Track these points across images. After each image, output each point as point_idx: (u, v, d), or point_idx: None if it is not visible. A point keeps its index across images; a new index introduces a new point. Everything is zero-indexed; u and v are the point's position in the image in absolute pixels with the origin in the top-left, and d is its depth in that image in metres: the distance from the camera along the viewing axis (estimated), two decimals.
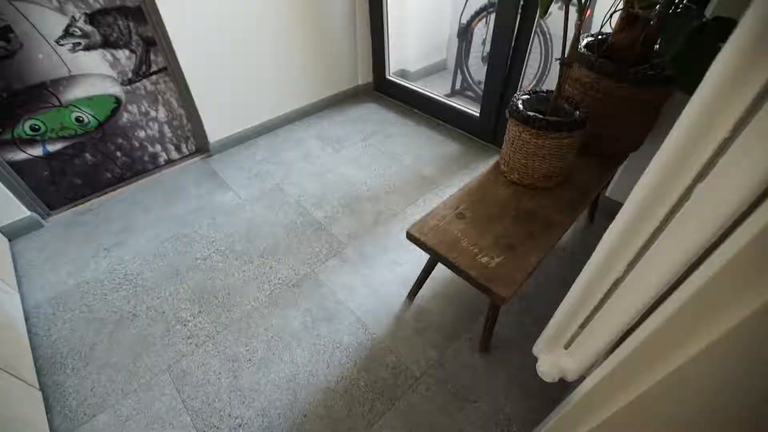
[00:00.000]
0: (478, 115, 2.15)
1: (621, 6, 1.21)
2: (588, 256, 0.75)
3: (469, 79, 2.75)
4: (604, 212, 1.70)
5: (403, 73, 2.88)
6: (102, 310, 1.39)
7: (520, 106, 1.08)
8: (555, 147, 1.05)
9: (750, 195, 0.49)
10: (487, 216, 1.08)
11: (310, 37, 2.18)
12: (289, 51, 2.13)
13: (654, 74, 1.15)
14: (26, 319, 1.37)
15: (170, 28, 1.70)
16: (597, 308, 0.78)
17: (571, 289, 0.82)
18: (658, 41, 1.20)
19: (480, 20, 2.59)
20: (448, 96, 2.74)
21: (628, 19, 1.19)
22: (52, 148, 1.69)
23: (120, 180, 1.94)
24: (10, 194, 1.61)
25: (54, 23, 1.49)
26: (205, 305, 1.39)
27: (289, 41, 2.11)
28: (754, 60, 0.44)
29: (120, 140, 1.85)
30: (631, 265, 0.68)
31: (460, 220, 1.07)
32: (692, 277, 0.54)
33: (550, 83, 2.53)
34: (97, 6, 1.56)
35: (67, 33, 1.53)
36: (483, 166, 1.98)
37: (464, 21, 2.64)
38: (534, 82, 2.55)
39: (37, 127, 1.62)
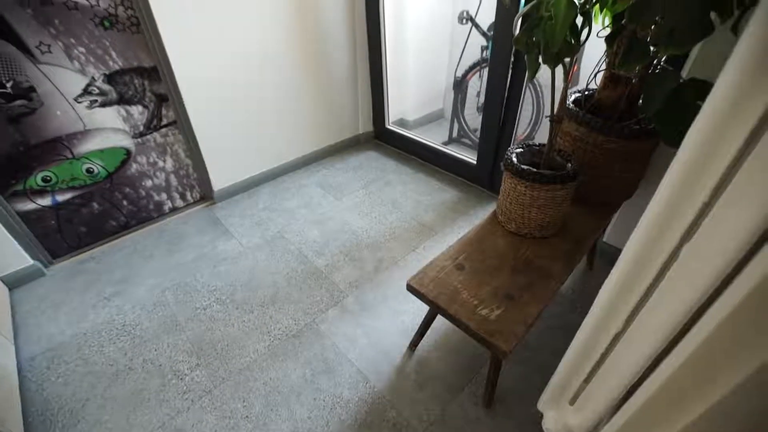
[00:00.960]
0: (475, 162, 2.22)
1: (604, 66, 1.30)
2: (589, 303, 0.76)
3: (466, 128, 2.87)
4: (602, 258, 1.71)
5: (402, 122, 3.01)
6: (98, 362, 1.36)
7: (515, 160, 1.13)
8: (549, 198, 1.09)
9: (733, 256, 0.51)
10: (486, 266, 1.10)
11: (313, 88, 2.30)
12: (294, 102, 2.25)
13: (640, 128, 1.21)
14: (19, 372, 1.34)
15: (182, 84, 1.80)
16: (599, 363, 0.78)
17: (573, 342, 0.82)
18: (641, 98, 1.27)
19: (474, 74, 2.74)
20: (445, 144, 2.85)
21: (611, 78, 1.27)
22: (61, 198, 1.73)
23: (124, 228, 1.97)
24: (16, 243, 1.63)
25: (74, 83, 1.59)
26: (204, 357, 1.37)
27: (294, 93, 2.22)
28: (728, 125, 0.48)
29: (127, 189, 1.90)
30: (630, 319, 0.69)
31: (460, 271, 1.08)
32: (688, 336, 0.55)
33: (543, 131, 2.64)
34: (116, 67, 1.67)
35: (86, 92, 1.63)
36: (481, 213, 2.02)
37: (459, 74, 2.79)
38: (528, 130, 2.65)
39: (48, 178, 1.67)
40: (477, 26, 2.51)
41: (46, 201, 1.70)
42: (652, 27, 0.82)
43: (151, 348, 1.40)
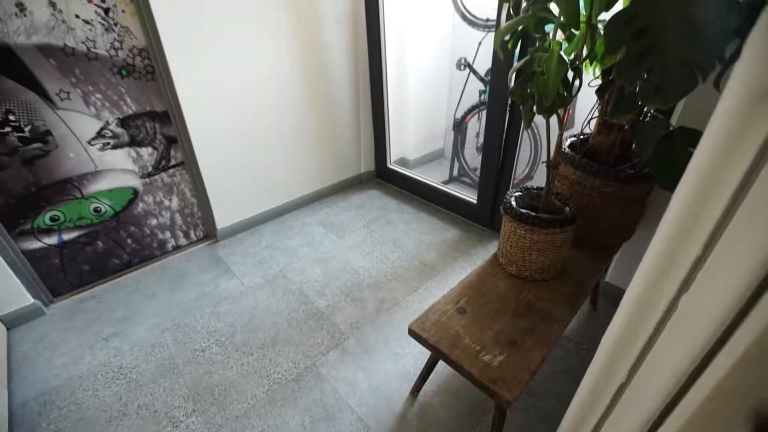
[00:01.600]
0: (475, 201, 2.26)
1: (597, 113, 1.35)
2: (594, 344, 0.75)
3: (466, 167, 2.93)
4: (606, 297, 1.69)
5: (403, 161, 3.08)
6: (91, 407, 1.33)
7: (513, 203, 1.15)
8: (549, 242, 1.10)
9: (731, 308, 0.51)
10: (488, 310, 1.09)
11: (317, 128, 2.38)
12: (298, 142, 2.32)
13: (635, 172, 1.24)
14: (10, 419, 1.30)
15: (191, 127, 1.88)
16: (605, 415, 0.76)
17: (577, 392, 0.80)
18: (634, 143, 1.32)
19: (473, 116, 2.84)
20: (446, 182, 2.90)
21: (604, 124, 1.32)
22: (67, 236, 1.76)
23: (127, 266, 1.98)
24: (18, 282, 1.64)
25: (89, 127, 1.66)
26: (200, 403, 1.33)
27: (298, 133, 2.30)
28: (719, 175, 0.50)
29: (132, 228, 1.93)
30: (633, 370, 0.68)
31: (461, 315, 1.07)
32: (692, 390, 0.55)
33: (542, 170, 2.69)
34: (129, 112, 1.74)
35: (99, 135, 1.69)
36: (482, 253, 2.03)
37: (458, 116, 2.89)
38: (527, 170, 2.71)
39: (56, 217, 1.70)
40: (474, 72, 2.63)
41: (52, 240, 1.72)
42: (639, 82, 0.86)
43: (147, 392, 1.37)
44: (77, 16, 1.50)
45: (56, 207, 1.68)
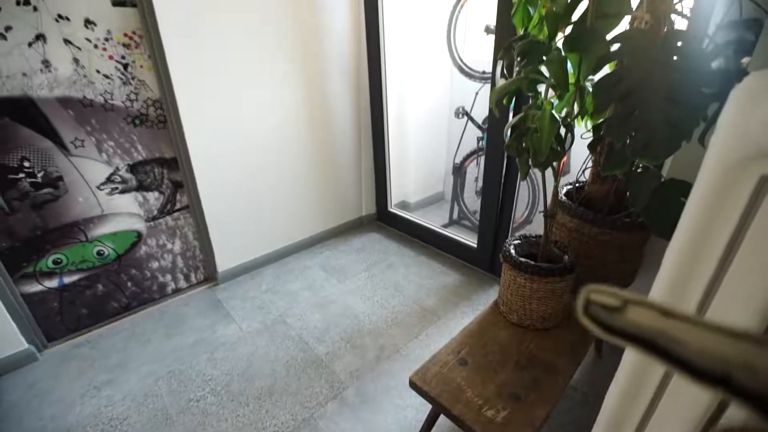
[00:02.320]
0: (475, 245, 2.27)
1: (591, 164, 1.40)
2: (600, 396, 0.73)
3: (465, 210, 2.97)
4: (610, 345, 1.66)
5: (404, 204, 3.13)
6: None
7: (513, 252, 1.17)
8: (549, 291, 1.10)
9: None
10: (490, 361, 1.08)
11: (319, 172, 2.44)
12: (300, 186, 2.37)
13: (630, 221, 1.27)
14: None
15: (198, 172, 1.93)
16: None
17: None
18: (628, 193, 1.35)
19: (471, 161, 2.92)
20: (446, 226, 2.93)
21: (598, 174, 1.36)
22: (68, 279, 1.76)
23: (125, 310, 1.96)
24: (14, 326, 1.62)
25: (99, 172, 1.71)
26: None
27: (301, 177, 2.36)
28: (704, 247, 0.52)
29: (133, 271, 1.93)
30: (642, 426, 0.67)
31: (463, 366, 1.06)
32: None
33: (541, 215, 2.73)
34: (139, 158, 1.81)
35: (109, 180, 1.74)
36: (483, 298, 2.01)
37: (458, 161, 2.97)
38: (526, 213, 2.75)
39: (59, 260, 1.71)
40: (472, 120, 2.74)
41: (53, 283, 1.72)
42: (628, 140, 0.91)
43: None
44: (98, 71, 1.60)
45: (60, 250, 1.70)
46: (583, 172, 1.48)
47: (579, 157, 1.41)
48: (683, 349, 0.19)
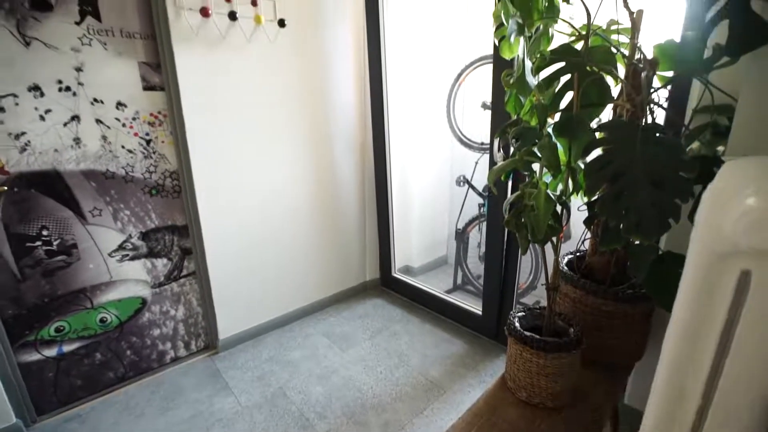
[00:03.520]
0: (480, 313, 2.24)
1: (590, 234, 1.44)
2: None
3: (469, 276, 2.97)
4: (626, 421, 1.57)
5: (407, 269, 3.14)
6: None
7: (517, 325, 1.16)
8: (557, 366, 1.08)
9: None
10: None
11: (324, 238, 2.49)
12: (305, 251, 2.41)
13: (633, 292, 1.28)
14: None
15: (207, 239, 1.99)
16: None
17: None
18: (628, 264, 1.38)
19: (473, 227, 2.98)
20: (450, 291, 2.91)
21: (598, 245, 1.40)
22: (68, 348, 1.73)
23: (121, 380, 1.90)
24: (6, 399, 1.56)
25: (112, 240, 1.77)
26: None
27: (306, 242, 2.40)
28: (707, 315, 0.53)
29: (134, 339, 1.90)
30: None
31: None
32: None
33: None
34: (152, 226, 1.87)
35: (120, 247, 1.79)
36: (490, 369, 1.94)
37: (460, 227, 3.04)
38: (530, 278, 2.74)
39: (62, 327, 1.70)
40: (473, 188, 2.85)
41: (52, 351, 1.70)
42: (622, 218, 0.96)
43: None
44: (123, 147, 1.72)
45: (64, 317, 1.70)
46: (583, 242, 1.52)
47: (580, 221, 1.45)
48: None
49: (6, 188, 1.49)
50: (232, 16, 1.80)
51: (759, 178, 0.48)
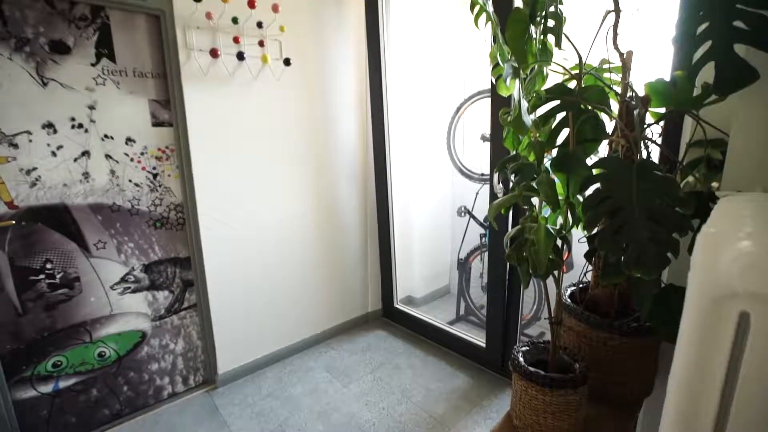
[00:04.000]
0: (484, 345, 2.20)
1: (591, 267, 1.44)
2: None
3: (472, 306, 2.93)
4: None
5: (409, 299, 3.10)
6: None
7: (521, 360, 1.15)
8: (563, 404, 1.06)
9: None
10: None
11: (326, 268, 2.49)
12: (306, 282, 2.40)
13: (639, 325, 1.26)
14: None
15: (209, 270, 1.99)
16: None
17: None
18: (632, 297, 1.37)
19: (475, 257, 2.97)
20: (453, 322, 2.87)
21: (599, 279, 1.39)
22: (64, 384, 1.70)
23: (116, 417, 1.85)
24: None
25: (115, 272, 1.77)
26: None
27: (308, 273, 2.40)
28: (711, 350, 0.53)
29: (132, 374, 1.87)
30: None
31: None
32: None
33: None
34: (155, 258, 1.88)
35: (123, 280, 1.80)
36: (496, 404, 1.89)
37: (462, 257, 3.03)
38: (534, 308, 2.70)
39: (59, 363, 1.68)
40: (474, 218, 2.86)
41: (47, 388, 1.66)
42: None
43: None
44: (130, 180, 1.76)
45: (62, 352, 1.68)
46: (585, 274, 1.51)
47: (582, 251, 1.45)
48: None
49: (14, 222, 1.51)
50: (240, 56, 1.88)
51: (751, 219, 0.49)
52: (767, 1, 0.78)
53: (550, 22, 1.07)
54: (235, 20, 1.81)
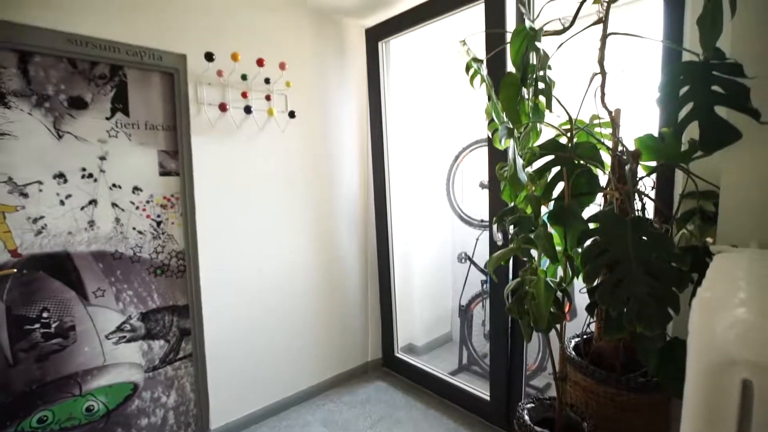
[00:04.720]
0: (488, 397, 2.12)
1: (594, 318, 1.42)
2: None
3: (475, 355, 2.85)
4: None
5: (410, 347, 3.02)
6: None
7: (527, 419, 1.10)
8: None
9: None
10: None
11: (326, 319, 2.44)
12: (306, 333, 2.35)
13: (646, 380, 1.22)
14: None
15: (207, 318, 1.95)
16: None
17: None
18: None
19: (477, 304, 2.93)
20: (455, 372, 2.77)
21: (602, 334, 1.37)
22: None
23: None
24: None
25: (111, 321, 1.74)
26: None
27: (307, 324, 2.35)
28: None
29: (119, 430, 1.78)
30: None
31: None
32: None
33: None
34: (153, 306, 1.86)
35: (119, 329, 1.76)
36: None
37: (463, 303, 2.98)
38: (538, 358, 2.62)
39: (45, 418, 1.61)
40: (475, 264, 2.85)
41: None
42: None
43: None
44: (134, 228, 1.78)
45: (49, 406, 1.61)
46: (588, 325, 1.49)
47: (584, 300, 1.43)
48: None
49: (15, 270, 1.51)
50: (248, 110, 1.97)
51: (746, 283, 0.50)
52: (739, 69, 0.84)
53: (541, 85, 1.14)
54: (244, 77, 1.92)
